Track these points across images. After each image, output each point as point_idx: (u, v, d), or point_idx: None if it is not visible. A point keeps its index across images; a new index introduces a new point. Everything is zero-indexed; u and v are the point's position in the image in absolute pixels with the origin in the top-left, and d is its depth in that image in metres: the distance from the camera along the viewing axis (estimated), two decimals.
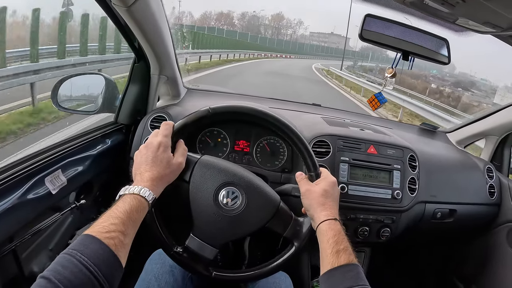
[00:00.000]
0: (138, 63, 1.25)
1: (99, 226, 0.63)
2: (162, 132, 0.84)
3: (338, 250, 0.75)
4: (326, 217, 0.81)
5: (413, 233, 1.34)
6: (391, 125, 1.70)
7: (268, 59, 33.01)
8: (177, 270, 0.98)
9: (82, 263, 0.57)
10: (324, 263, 0.75)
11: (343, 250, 0.75)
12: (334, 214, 0.83)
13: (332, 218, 0.81)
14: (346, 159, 1.17)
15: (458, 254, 1.66)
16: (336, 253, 0.74)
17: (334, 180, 0.90)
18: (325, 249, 0.77)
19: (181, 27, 18.54)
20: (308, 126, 1.26)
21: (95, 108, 1.27)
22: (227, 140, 1.23)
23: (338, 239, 0.77)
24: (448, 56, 1.03)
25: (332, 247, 0.76)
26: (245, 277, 0.92)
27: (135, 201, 0.71)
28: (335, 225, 0.80)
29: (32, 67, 5.23)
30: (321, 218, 0.81)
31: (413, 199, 1.22)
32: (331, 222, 0.80)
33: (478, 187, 1.42)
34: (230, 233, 0.88)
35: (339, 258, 0.74)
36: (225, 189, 0.87)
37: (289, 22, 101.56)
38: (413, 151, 1.26)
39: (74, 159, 1.04)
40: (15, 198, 0.81)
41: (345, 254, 0.74)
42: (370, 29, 0.96)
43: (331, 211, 0.83)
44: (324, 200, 0.85)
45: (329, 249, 0.75)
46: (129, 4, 0.89)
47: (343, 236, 0.78)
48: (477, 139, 1.64)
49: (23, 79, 4.76)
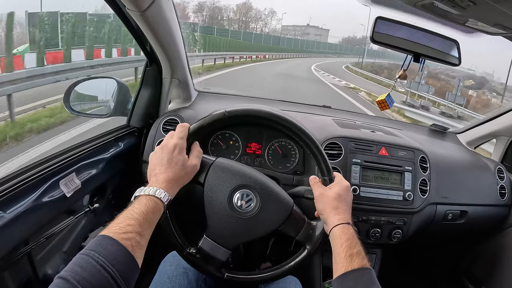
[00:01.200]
0: (150, 67, 1.26)
1: (116, 227, 0.64)
2: (177, 134, 0.85)
3: (351, 254, 0.76)
4: (340, 221, 0.82)
5: (424, 234, 1.34)
6: (401, 126, 1.70)
7: (262, 62, 25.81)
8: (191, 272, 0.99)
9: (100, 264, 0.57)
10: (338, 267, 0.76)
11: (357, 254, 0.76)
12: (347, 218, 0.83)
13: (345, 222, 0.82)
14: (358, 161, 1.17)
15: (468, 255, 1.65)
16: (350, 257, 0.75)
17: (348, 185, 0.91)
18: (338, 253, 0.77)
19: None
20: (320, 128, 1.27)
21: (107, 111, 1.29)
22: (239, 143, 1.24)
23: (351, 243, 0.77)
24: (459, 58, 1.03)
25: (345, 251, 0.76)
26: (257, 279, 0.92)
27: (150, 202, 0.72)
28: (348, 229, 0.80)
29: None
30: (334, 222, 0.82)
31: (424, 201, 1.22)
32: (344, 226, 0.81)
33: (489, 188, 1.41)
34: (244, 235, 0.88)
35: (352, 262, 0.74)
36: (239, 192, 0.88)
37: (258, 13, 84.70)
38: (424, 153, 1.25)
39: (88, 162, 1.06)
40: (31, 201, 0.83)
41: (359, 258, 0.75)
42: (381, 32, 0.96)
43: (344, 215, 0.84)
44: (337, 204, 0.85)
45: (343, 253, 0.76)
46: (143, 9, 0.90)
47: (356, 240, 0.79)
48: (488, 139, 1.63)
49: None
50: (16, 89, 4.31)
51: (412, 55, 1.01)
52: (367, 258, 0.77)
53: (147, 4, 0.90)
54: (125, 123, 1.32)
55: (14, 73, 4.76)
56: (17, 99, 4.23)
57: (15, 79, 4.41)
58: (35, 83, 4.88)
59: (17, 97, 4.21)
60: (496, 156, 1.59)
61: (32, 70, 5.29)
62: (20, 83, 4.45)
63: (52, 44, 6.98)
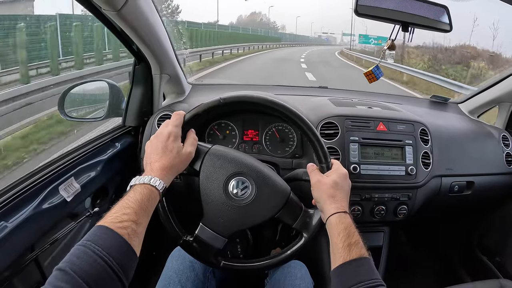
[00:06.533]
0: (138, 65, 1.26)
1: (112, 217, 0.64)
2: (172, 122, 0.85)
3: (349, 243, 0.74)
4: (336, 210, 0.80)
5: (431, 208, 1.32)
6: (400, 100, 1.67)
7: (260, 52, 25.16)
8: (197, 265, 0.99)
9: (96, 254, 0.57)
10: (336, 257, 0.75)
11: (355, 243, 0.74)
12: (344, 207, 0.81)
13: (342, 211, 0.80)
14: (356, 139, 1.15)
15: (479, 227, 1.62)
16: (348, 247, 0.74)
17: (346, 172, 0.88)
18: (336, 243, 0.76)
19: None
20: (315, 109, 1.25)
21: (102, 114, 1.29)
22: (235, 131, 1.24)
23: (349, 233, 0.76)
24: (450, 23, 1.01)
25: (343, 241, 0.75)
26: (253, 267, 0.92)
27: (146, 191, 0.72)
28: (345, 218, 0.79)
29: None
30: (330, 211, 0.80)
31: (428, 174, 1.20)
32: (341, 215, 0.79)
33: (495, 157, 1.38)
34: (240, 223, 0.88)
35: (350, 252, 0.73)
36: (235, 179, 0.87)
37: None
38: (424, 125, 1.23)
39: (86, 166, 1.06)
40: (31, 209, 0.84)
41: (357, 248, 0.74)
42: (365, 4, 0.94)
43: (341, 204, 0.82)
44: (334, 192, 0.83)
45: (340, 243, 0.75)
46: (119, 7, 0.89)
47: (354, 229, 0.77)
48: (490, 107, 1.59)
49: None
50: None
51: (400, 25, 0.98)
52: (366, 247, 0.76)
53: (122, 2, 0.88)
54: (121, 123, 1.32)
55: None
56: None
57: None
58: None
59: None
60: (499, 123, 1.55)
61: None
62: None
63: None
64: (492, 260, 1.56)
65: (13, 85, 5.72)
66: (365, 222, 1.20)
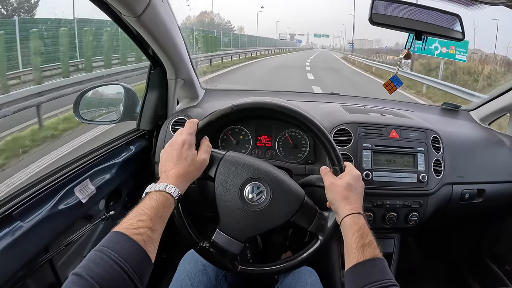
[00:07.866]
0: (154, 70, 1.28)
1: (127, 223, 0.65)
2: (186, 130, 0.86)
3: (363, 244, 0.75)
4: (350, 211, 0.81)
5: (442, 215, 1.31)
6: (411, 107, 1.67)
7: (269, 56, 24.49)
8: (210, 268, 1.00)
9: (112, 259, 0.58)
10: (350, 258, 0.75)
11: (368, 244, 0.75)
12: (358, 208, 0.82)
13: (356, 212, 0.81)
14: (369, 146, 1.16)
15: (489, 234, 1.61)
16: (362, 248, 0.74)
17: (359, 174, 0.89)
18: (350, 244, 0.77)
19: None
20: (328, 116, 1.26)
21: (117, 117, 1.31)
22: (249, 137, 1.25)
23: (363, 233, 0.77)
24: (462, 32, 1.01)
25: (357, 241, 0.76)
26: (270, 271, 0.92)
27: (161, 198, 0.73)
28: (359, 219, 0.80)
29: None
30: (345, 212, 0.81)
31: (439, 181, 1.20)
32: (355, 216, 0.80)
33: (506, 165, 1.38)
34: (256, 228, 0.89)
35: (364, 252, 0.74)
36: (250, 185, 0.88)
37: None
38: (435, 132, 1.23)
39: (101, 168, 1.08)
40: (47, 210, 0.85)
41: (370, 249, 0.75)
42: (379, 12, 0.94)
43: (355, 205, 0.83)
44: (347, 193, 0.84)
45: (354, 244, 0.76)
46: (139, 14, 0.91)
47: (367, 230, 0.78)
48: (501, 114, 1.58)
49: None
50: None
51: (414, 34, 0.99)
52: (379, 248, 0.76)
53: (142, 8, 0.90)
54: (135, 127, 1.34)
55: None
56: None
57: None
58: None
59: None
60: (511, 130, 1.54)
61: None
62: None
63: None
64: (501, 268, 1.54)
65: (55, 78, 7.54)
66: (377, 228, 1.17)
